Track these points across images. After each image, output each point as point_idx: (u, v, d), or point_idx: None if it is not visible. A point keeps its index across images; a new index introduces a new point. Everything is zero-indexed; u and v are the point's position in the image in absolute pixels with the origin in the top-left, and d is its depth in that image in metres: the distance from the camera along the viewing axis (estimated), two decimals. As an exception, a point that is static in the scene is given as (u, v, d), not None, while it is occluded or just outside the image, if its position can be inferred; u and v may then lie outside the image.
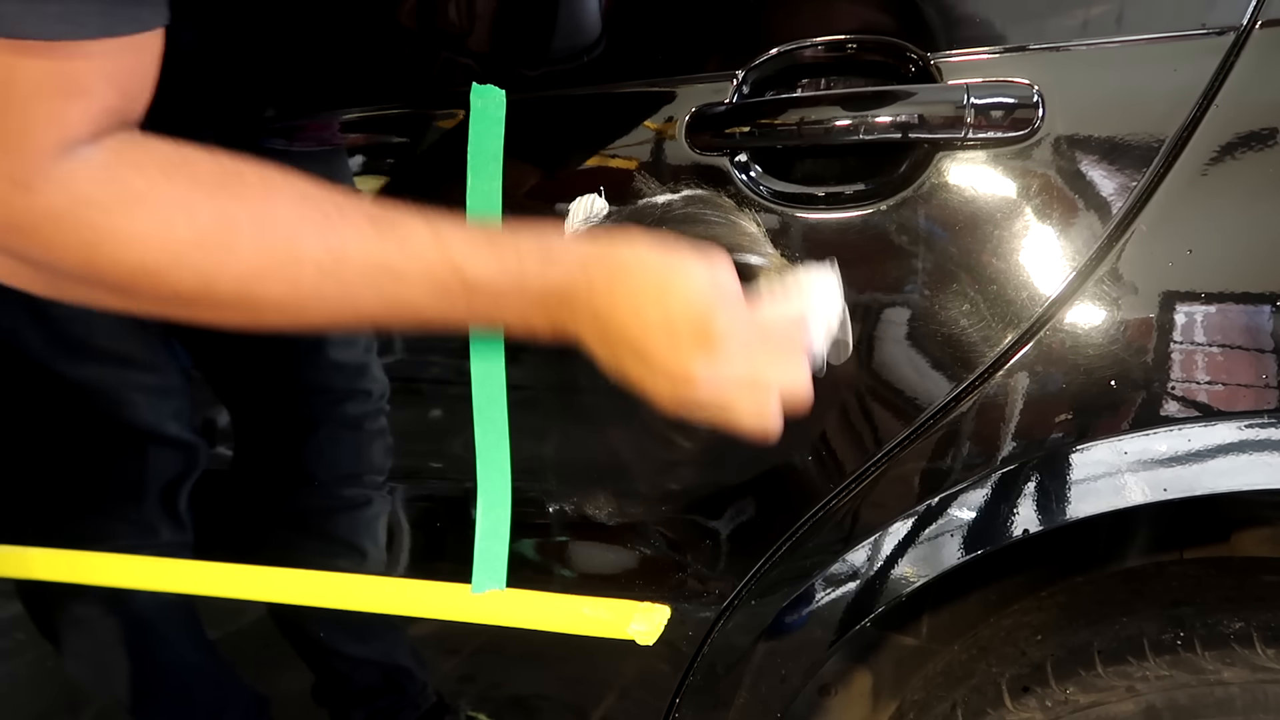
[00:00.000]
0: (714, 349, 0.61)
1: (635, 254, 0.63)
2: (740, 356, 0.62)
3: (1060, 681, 0.78)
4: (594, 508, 0.84)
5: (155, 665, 1.11)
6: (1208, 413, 0.68)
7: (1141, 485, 0.69)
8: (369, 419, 0.94)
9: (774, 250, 0.73)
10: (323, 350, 0.94)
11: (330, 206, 0.60)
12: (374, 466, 0.94)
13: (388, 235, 0.60)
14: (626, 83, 0.80)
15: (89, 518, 1.02)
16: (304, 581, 0.95)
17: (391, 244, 0.60)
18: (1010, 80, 0.70)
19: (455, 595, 0.86)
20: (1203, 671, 0.73)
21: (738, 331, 0.62)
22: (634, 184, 0.78)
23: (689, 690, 0.85)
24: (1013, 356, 0.71)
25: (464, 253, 0.61)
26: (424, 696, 1.05)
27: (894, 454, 0.75)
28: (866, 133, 0.72)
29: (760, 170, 0.76)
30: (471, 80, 0.77)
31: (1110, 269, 0.69)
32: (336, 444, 0.96)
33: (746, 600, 0.81)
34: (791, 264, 0.73)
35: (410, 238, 0.61)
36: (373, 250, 0.60)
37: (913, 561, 0.76)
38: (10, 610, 1.10)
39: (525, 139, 0.80)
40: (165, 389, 0.99)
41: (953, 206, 0.72)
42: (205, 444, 1.00)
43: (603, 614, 0.84)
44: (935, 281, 0.72)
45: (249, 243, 0.58)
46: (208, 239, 0.57)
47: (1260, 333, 0.67)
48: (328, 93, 0.88)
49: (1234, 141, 0.66)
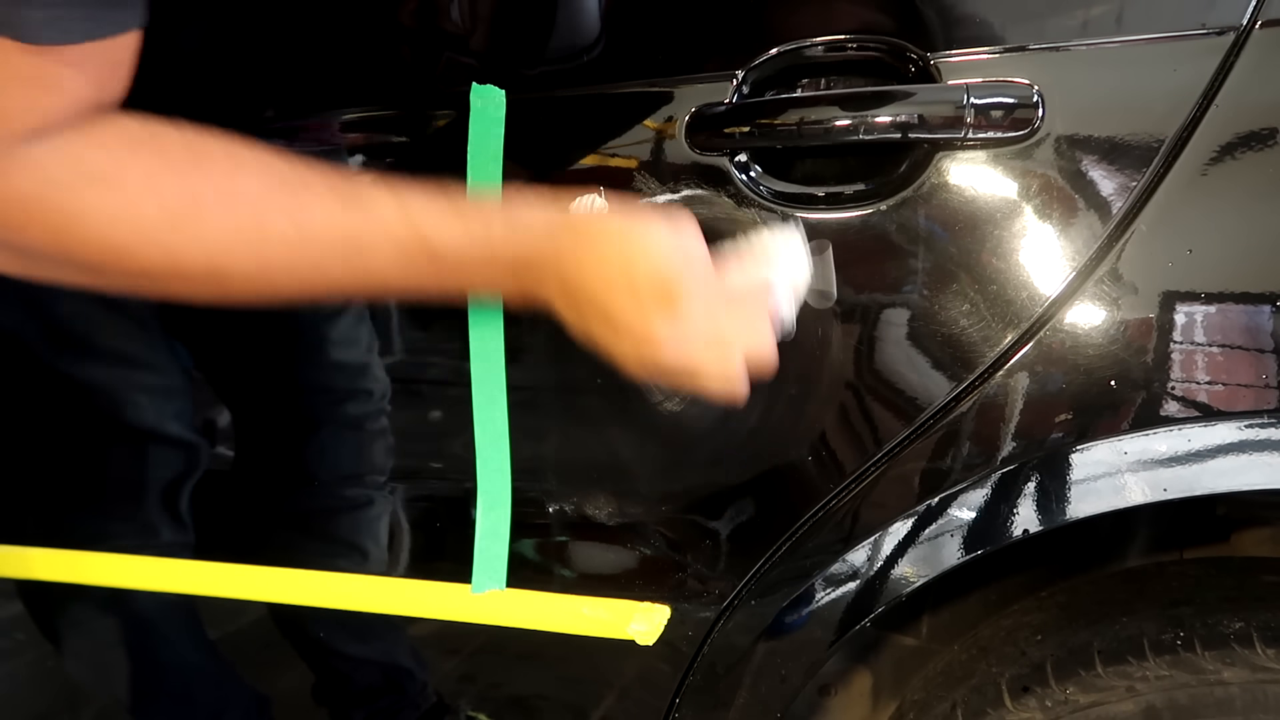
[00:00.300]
0: (676, 310, 0.61)
1: (601, 219, 0.64)
2: (704, 317, 0.62)
3: (1060, 681, 0.78)
4: (594, 508, 0.84)
5: (156, 665, 1.11)
6: (1208, 413, 0.68)
7: (1141, 485, 0.69)
8: (370, 419, 0.94)
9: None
10: (324, 350, 0.94)
11: (296, 180, 0.61)
12: (375, 467, 0.94)
13: (354, 207, 0.61)
14: (626, 83, 0.80)
15: (90, 518, 1.03)
16: (304, 582, 0.95)
17: (358, 216, 0.61)
18: (1010, 80, 0.70)
19: (455, 595, 0.86)
20: (1203, 671, 0.73)
21: (701, 293, 0.62)
22: (634, 184, 0.78)
23: (689, 690, 0.85)
24: (1013, 356, 0.71)
25: (431, 222, 0.62)
26: (424, 696, 1.05)
27: (894, 454, 0.75)
28: (866, 133, 0.72)
29: (760, 170, 0.76)
30: (471, 80, 0.77)
31: (1110, 269, 0.69)
32: (338, 444, 0.96)
33: (746, 600, 0.81)
34: (757, 225, 0.73)
35: (377, 210, 0.62)
36: (339, 222, 0.61)
37: (913, 561, 0.76)
38: (10, 610, 1.10)
39: (525, 139, 0.80)
40: (167, 389, 0.99)
41: (953, 206, 0.72)
42: (206, 444, 1.00)
43: (603, 614, 0.84)
44: (935, 281, 0.72)
45: (215, 218, 0.59)
46: (174, 216, 0.58)
47: (1260, 333, 0.67)
48: (327, 93, 0.88)
49: (1234, 141, 0.66)
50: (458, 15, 0.86)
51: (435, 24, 0.85)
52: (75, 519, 1.03)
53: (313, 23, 0.87)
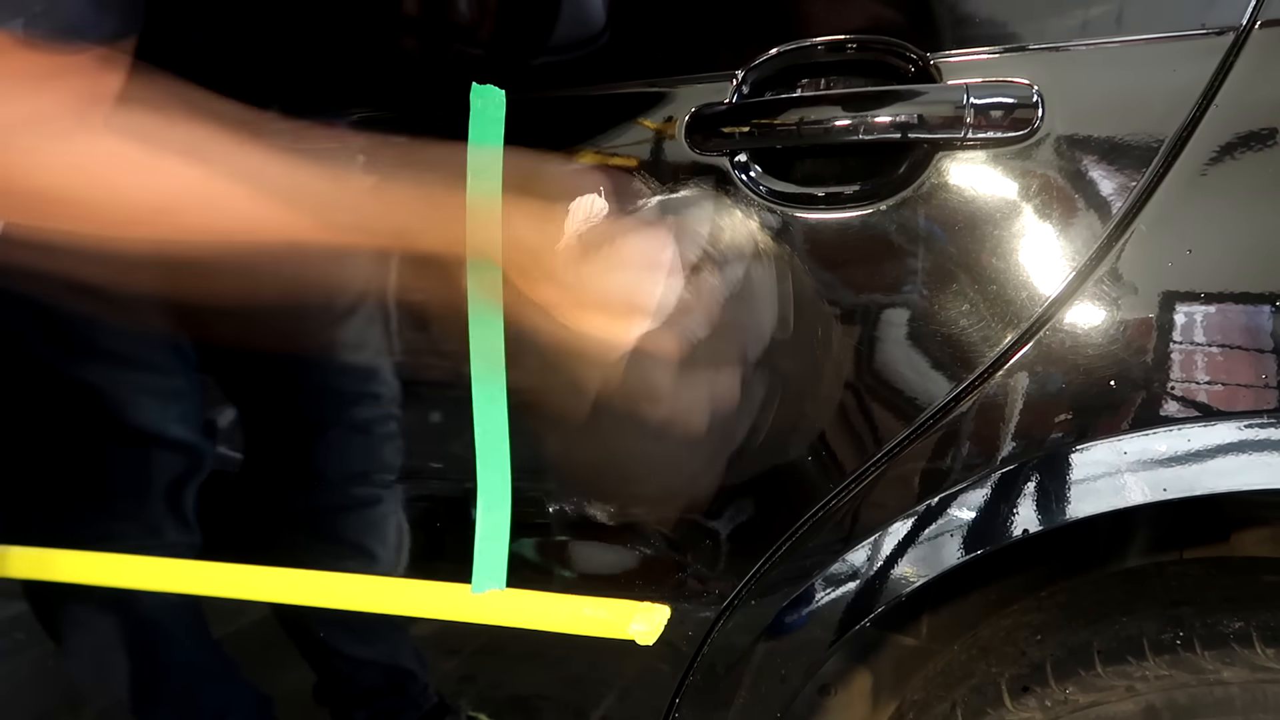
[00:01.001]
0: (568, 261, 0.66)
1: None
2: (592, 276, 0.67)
3: (1060, 681, 0.78)
4: (594, 508, 0.84)
5: (159, 665, 1.11)
6: (1208, 413, 0.68)
7: (1141, 485, 0.69)
8: (379, 422, 0.93)
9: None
10: (333, 353, 0.94)
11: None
12: (382, 467, 0.94)
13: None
14: (626, 83, 0.80)
15: (96, 518, 1.03)
16: (307, 582, 0.95)
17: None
18: (1010, 80, 0.70)
19: (455, 595, 0.86)
20: (1202, 671, 0.73)
21: (592, 241, 0.67)
22: (634, 184, 0.78)
23: (689, 690, 0.85)
24: (1013, 356, 0.71)
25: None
26: (425, 697, 1.05)
27: (894, 454, 0.75)
28: (866, 133, 0.72)
29: (760, 170, 0.76)
30: (471, 80, 0.77)
31: (1110, 269, 0.69)
32: (345, 446, 0.96)
33: (746, 600, 0.81)
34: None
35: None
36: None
37: (913, 561, 0.76)
38: (10, 610, 1.10)
39: (526, 139, 0.80)
40: (172, 391, 1.00)
41: (952, 206, 0.72)
42: (211, 445, 1.00)
43: (603, 614, 0.84)
44: (935, 281, 0.72)
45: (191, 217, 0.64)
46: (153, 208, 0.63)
47: (1260, 333, 0.67)
48: (327, 93, 0.88)
49: (1234, 141, 0.66)
50: (458, 15, 0.86)
51: (435, 24, 0.85)
52: (81, 520, 1.03)
53: (313, 22, 0.87)
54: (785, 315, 0.72)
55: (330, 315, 0.91)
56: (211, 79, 0.77)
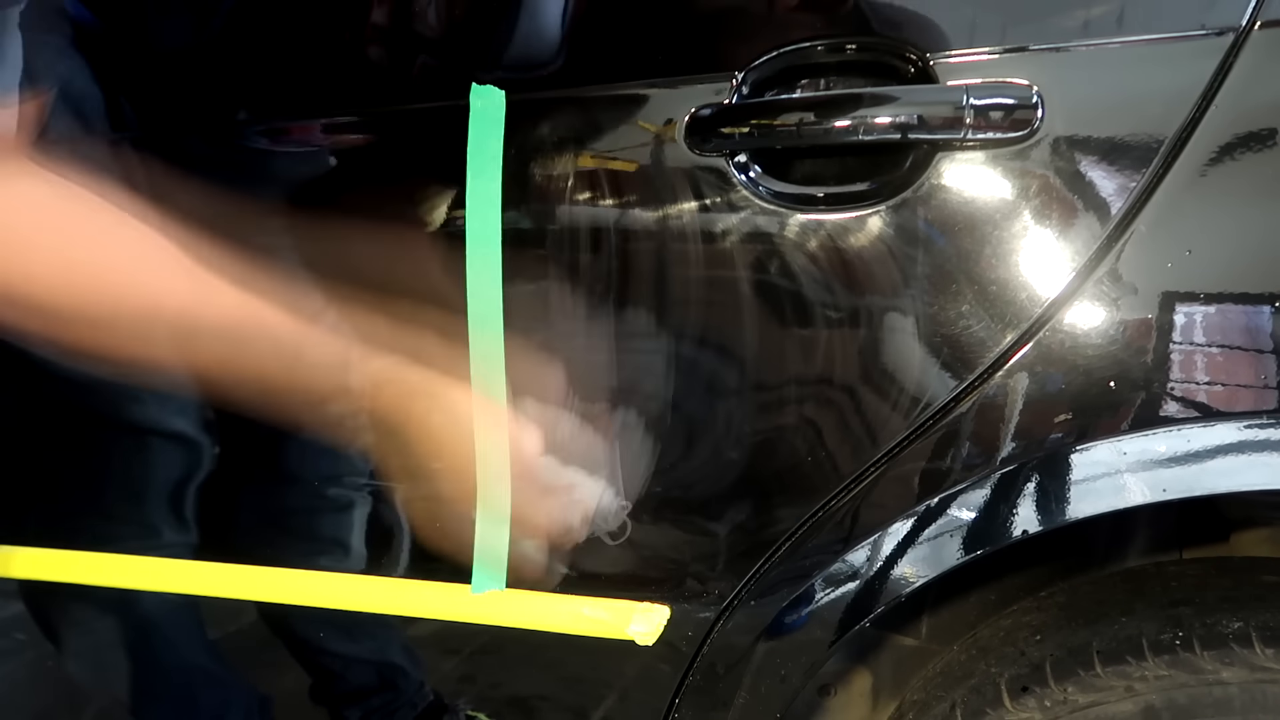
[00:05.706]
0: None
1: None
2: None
3: (1059, 681, 0.78)
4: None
5: (157, 666, 1.11)
6: (1207, 413, 0.68)
7: (1141, 485, 0.69)
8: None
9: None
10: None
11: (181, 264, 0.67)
12: (366, 468, 0.94)
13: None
14: (626, 83, 0.80)
15: (92, 517, 1.02)
16: (301, 582, 0.95)
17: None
18: (1010, 80, 0.70)
19: (455, 595, 0.86)
20: (1202, 671, 0.73)
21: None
22: (634, 184, 0.78)
23: (689, 690, 0.85)
24: (1012, 357, 0.71)
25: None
26: (420, 694, 1.05)
27: (894, 454, 0.75)
28: (866, 133, 0.72)
29: (760, 170, 0.76)
30: (471, 81, 0.77)
31: (1110, 269, 0.69)
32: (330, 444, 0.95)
33: (746, 600, 0.81)
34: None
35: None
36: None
37: (912, 561, 0.76)
38: (10, 610, 1.10)
39: (526, 139, 0.80)
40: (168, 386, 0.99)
41: (952, 207, 0.72)
42: (209, 441, 0.99)
43: (603, 614, 0.84)
44: (935, 282, 0.72)
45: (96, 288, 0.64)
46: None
47: (1260, 333, 0.67)
48: (327, 93, 0.88)
49: (1233, 142, 0.66)
50: (457, 16, 0.86)
51: (435, 24, 0.85)
52: (75, 518, 1.03)
53: (311, 22, 0.87)
54: None
55: None
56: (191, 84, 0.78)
